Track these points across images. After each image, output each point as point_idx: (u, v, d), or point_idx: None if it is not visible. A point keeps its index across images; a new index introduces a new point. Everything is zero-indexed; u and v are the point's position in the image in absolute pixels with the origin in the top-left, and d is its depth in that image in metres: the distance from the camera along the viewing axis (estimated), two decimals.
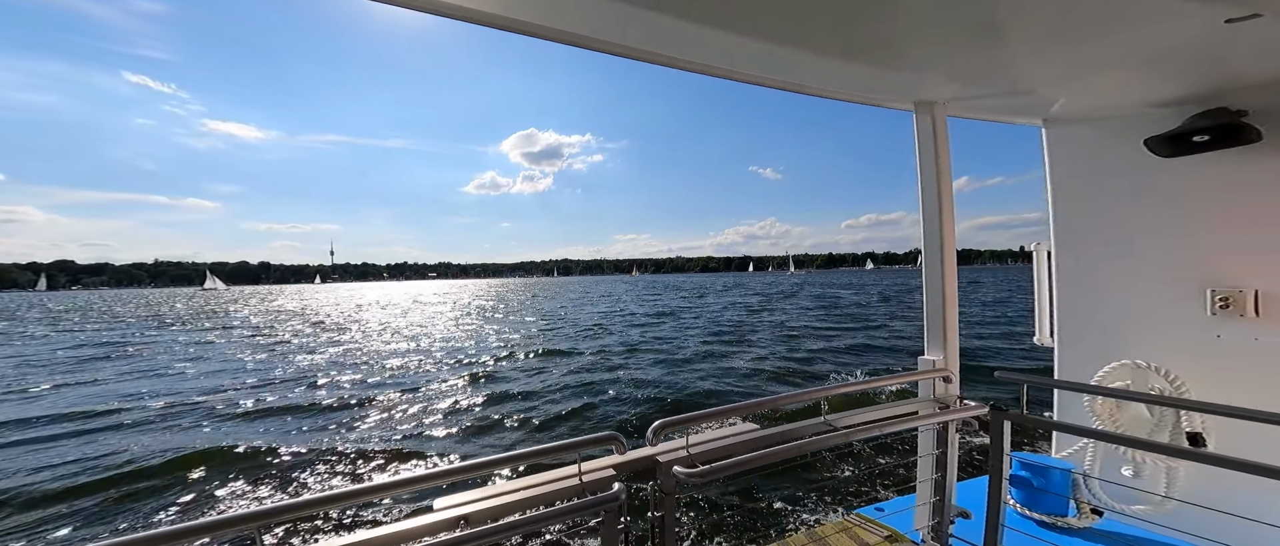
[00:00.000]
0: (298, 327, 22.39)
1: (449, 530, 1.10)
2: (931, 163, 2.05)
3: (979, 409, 1.89)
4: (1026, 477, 2.18)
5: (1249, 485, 1.30)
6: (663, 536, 1.39)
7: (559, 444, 1.31)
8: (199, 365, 12.53)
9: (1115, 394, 2.01)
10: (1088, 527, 2.14)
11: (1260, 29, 1.31)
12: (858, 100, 2.09)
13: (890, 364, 10.83)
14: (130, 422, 7.40)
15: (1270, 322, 1.89)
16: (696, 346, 13.56)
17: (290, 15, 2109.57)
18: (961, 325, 2.01)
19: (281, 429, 6.95)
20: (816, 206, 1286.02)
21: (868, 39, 1.46)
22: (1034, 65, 1.67)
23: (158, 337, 19.41)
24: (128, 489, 5.04)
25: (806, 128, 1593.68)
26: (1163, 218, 2.13)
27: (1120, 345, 2.22)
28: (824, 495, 4.33)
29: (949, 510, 1.98)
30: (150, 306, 49.80)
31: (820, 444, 1.63)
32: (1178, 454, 1.79)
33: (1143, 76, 1.76)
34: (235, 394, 9.11)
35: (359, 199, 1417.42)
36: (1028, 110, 2.30)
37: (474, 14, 1.29)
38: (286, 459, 5.75)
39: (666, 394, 8.26)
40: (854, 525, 2.17)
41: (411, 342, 15.97)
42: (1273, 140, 1.80)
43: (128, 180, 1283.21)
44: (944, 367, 2.01)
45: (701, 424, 1.50)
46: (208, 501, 4.77)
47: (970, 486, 2.35)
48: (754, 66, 1.71)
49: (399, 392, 8.93)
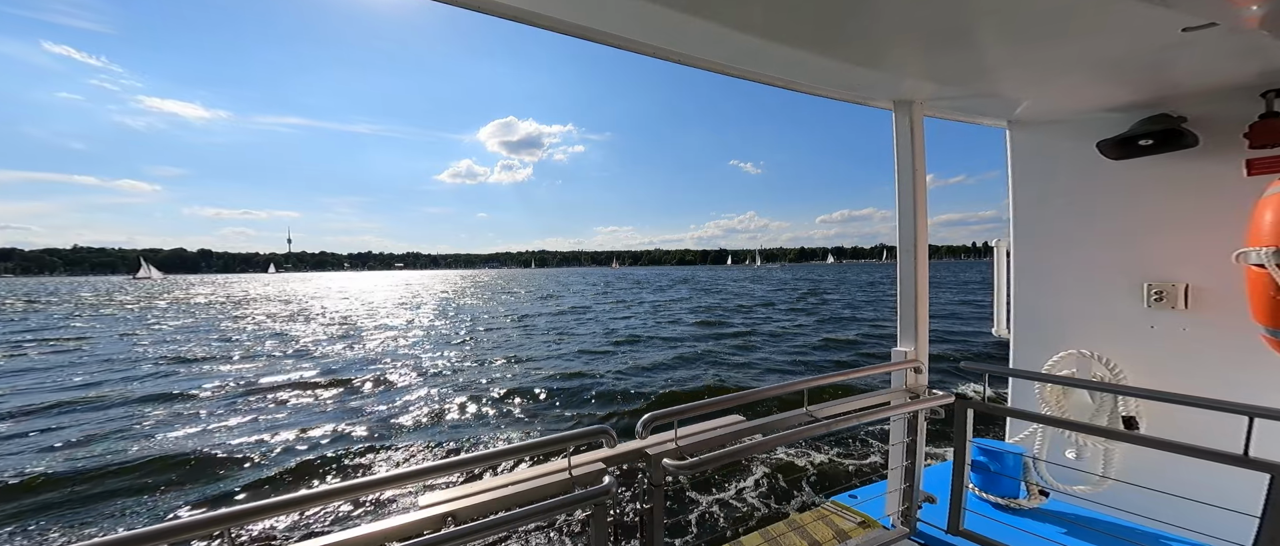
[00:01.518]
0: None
1: (435, 527, 1.07)
2: (908, 161, 2.11)
3: (945, 398, 1.98)
4: (984, 462, 2.32)
5: (1177, 464, 1.41)
6: (652, 527, 1.40)
7: (548, 438, 1.29)
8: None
9: (1059, 381, 2.15)
10: (1036, 508, 2.31)
11: (1205, 40, 1.41)
12: (840, 97, 2.11)
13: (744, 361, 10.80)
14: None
15: (1197, 314, 2.06)
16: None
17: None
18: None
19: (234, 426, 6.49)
20: (793, 201, 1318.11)
21: (850, 37, 1.48)
22: (1005, 68, 1.75)
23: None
24: (91, 489, 4.63)
25: (786, 123, 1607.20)
26: (1109, 216, 2.29)
27: (1068, 335, 2.38)
28: (805, 483, 4.50)
29: (917, 496, 2.07)
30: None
31: (801, 434, 1.67)
32: (1113, 436, 1.94)
33: (1099, 81, 1.88)
34: (177, 379, 8.36)
35: (322, 185, 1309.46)
36: (996, 111, 2.40)
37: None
38: (234, 458, 5.38)
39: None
40: (830, 512, 2.24)
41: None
42: (1207, 146, 1.96)
43: (50, 159, 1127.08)
44: (914, 358, 2.09)
45: (689, 416, 1.50)
46: (171, 503, 4.44)
47: (937, 471, 2.47)
48: (740, 60, 1.71)
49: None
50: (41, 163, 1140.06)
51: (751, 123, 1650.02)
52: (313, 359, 11.50)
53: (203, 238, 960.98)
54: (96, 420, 6.85)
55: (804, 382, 1.78)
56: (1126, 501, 1.97)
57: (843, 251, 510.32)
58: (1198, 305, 2.06)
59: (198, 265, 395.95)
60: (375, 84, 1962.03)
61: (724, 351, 11.64)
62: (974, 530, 1.98)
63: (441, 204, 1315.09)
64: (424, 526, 1.07)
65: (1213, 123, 1.96)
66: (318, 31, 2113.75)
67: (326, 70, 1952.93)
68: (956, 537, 1.99)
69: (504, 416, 6.99)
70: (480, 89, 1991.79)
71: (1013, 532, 2.01)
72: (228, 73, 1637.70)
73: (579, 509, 1.22)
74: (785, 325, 16.76)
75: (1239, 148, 1.86)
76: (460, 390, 8.27)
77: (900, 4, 1.27)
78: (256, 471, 5.11)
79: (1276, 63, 1.64)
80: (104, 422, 6.75)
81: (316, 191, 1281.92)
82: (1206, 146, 1.96)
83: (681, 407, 1.48)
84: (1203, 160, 1.99)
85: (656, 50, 1.60)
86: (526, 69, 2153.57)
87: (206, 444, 5.82)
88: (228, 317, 21.57)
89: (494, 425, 6.64)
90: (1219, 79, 1.80)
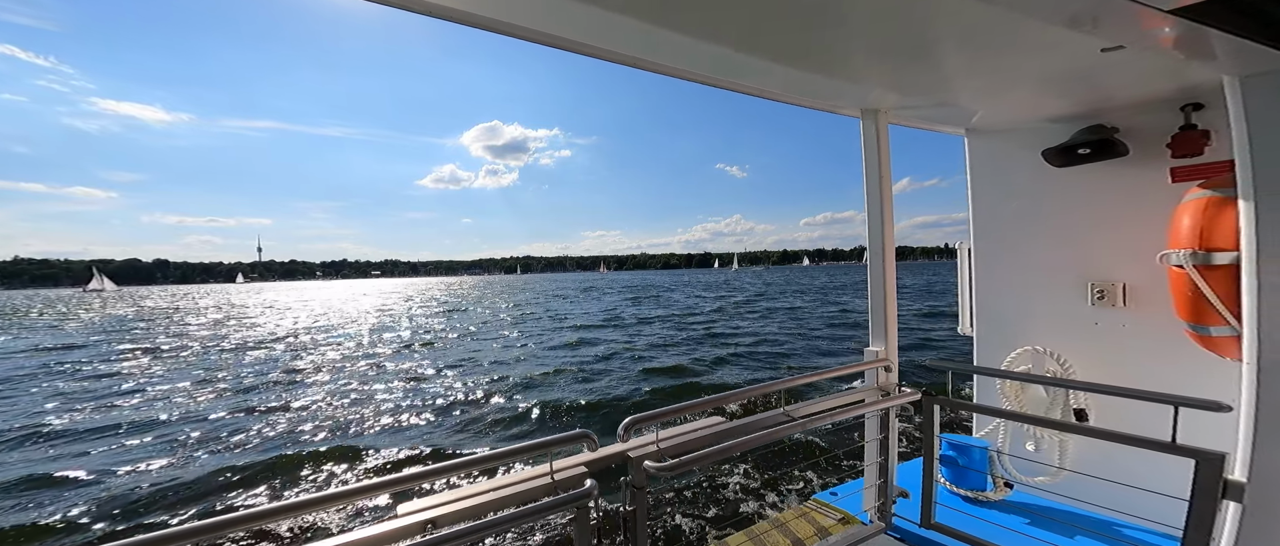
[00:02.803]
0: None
1: (417, 534, 1.05)
2: (875, 167, 2.20)
3: (913, 394, 2.05)
4: (953, 456, 2.41)
5: (1121, 453, 1.51)
6: (635, 530, 1.40)
7: (531, 443, 1.29)
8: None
9: (1017, 377, 2.26)
10: (1001, 500, 2.41)
11: (1124, 58, 1.55)
12: (810, 105, 2.20)
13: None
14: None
15: (1134, 310, 2.20)
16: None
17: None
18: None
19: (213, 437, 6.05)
20: (778, 204, 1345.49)
21: (817, 49, 1.54)
22: (959, 80, 1.85)
23: None
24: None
25: (770, 128, 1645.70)
26: (1056, 219, 2.44)
27: (1023, 333, 2.51)
28: (785, 483, 4.54)
29: (891, 491, 2.13)
30: None
31: (780, 433, 1.69)
32: (1066, 428, 2.06)
33: (1042, 94, 2.01)
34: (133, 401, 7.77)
35: (294, 191, 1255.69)
36: (954, 120, 2.54)
37: (430, 7, 1.23)
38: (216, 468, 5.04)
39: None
40: (811, 510, 2.27)
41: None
42: (1136, 154, 2.12)
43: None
44: (885, 357, 2.16)
45: (671, 418, 1.51)
46: (138, 515, 4.17)
47: (911, 467, 2.55)
48: (713, 69, 1.76)
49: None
50: None
51: (737, 127, 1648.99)
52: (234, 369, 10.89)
53: (164, 247, 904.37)
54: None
55: (781, 383, 1.83)
56: (1081, 491, 2.07)
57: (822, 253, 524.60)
58: (1134, 303, 2.20)
59: (154, 276, 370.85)
60: (351, 86, 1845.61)
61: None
62: (945, 523, 2.04)
63: (424, 209, 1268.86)
64: (406, 534, 1.05)
65: (1140, 133, 2.12)
66: (288, 32, 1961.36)
67: (299, 72, 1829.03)
68: (930, 531, 2.04)
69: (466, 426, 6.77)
70: (463, 92, 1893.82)
71: (981, 524, 2.08)
72: (190, 73, 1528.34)
73: (562, 512, 1.22)
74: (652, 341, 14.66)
75: (1163, 156, 2.01)
76: (428, 398, 8.01)
77: (864, 18, 1.33)
78: (223, 485, 4.82)
79: (1192, 79, 1.80)
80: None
81: (290, 196, 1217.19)
82: (1136, 155, 2.12)
83: (662, 410, 1.49)
84: (1134, 168, 2.15)
85: (630, 59, 1.62)
86: (510, 72, 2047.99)
87: (167, 462, 5.44)
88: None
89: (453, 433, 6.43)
90: (1144, 93, 1.96)
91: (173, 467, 5.53)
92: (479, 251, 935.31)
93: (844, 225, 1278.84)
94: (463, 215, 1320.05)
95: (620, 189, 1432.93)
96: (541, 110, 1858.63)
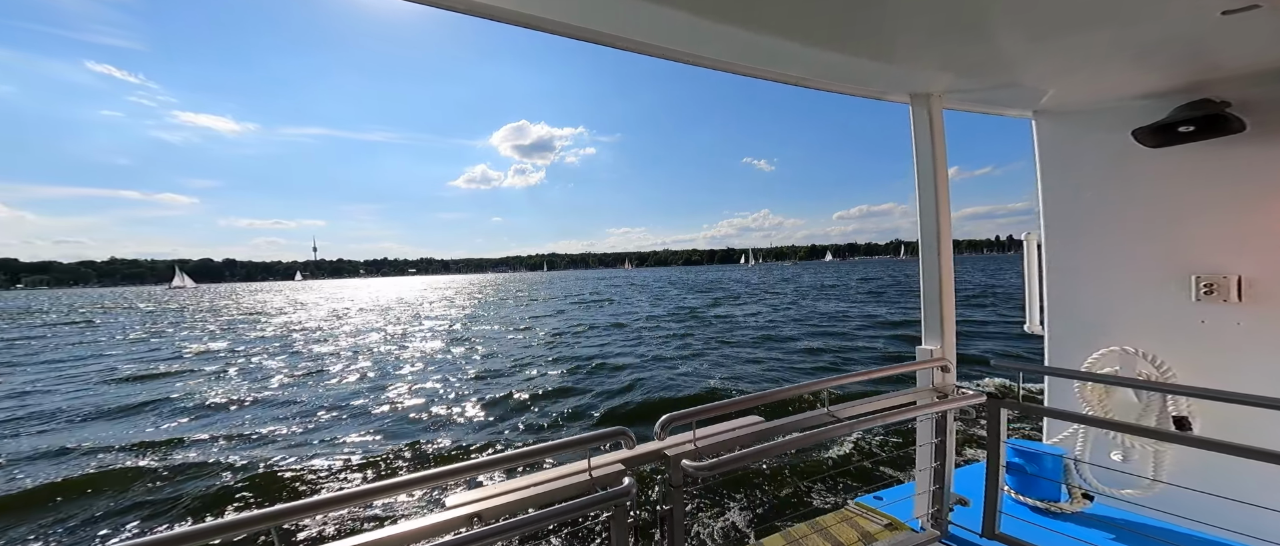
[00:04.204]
0: None
1: (462, 528, 1.09)
2: (928, 155, 2.06)
3: (976, 397, 1.91)
4: (1020, 464, 2.22)
5: (1233, 466, 1.34)
6: (671, 529, 1.40)
7: (568, 440, 1.30)
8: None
9: (1102, 379, 2.06)
10: (1079, 512, 2.20)
11: (1248, 21, 1.34)
12: (854, 93, 2.09)
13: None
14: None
15: (1252, 307, 1.94)
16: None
17: (260, 1, 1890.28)
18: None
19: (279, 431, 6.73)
20: (809, 198, 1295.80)
21: (864, 32, 1.46)
22: (1026, 58, 1.70)
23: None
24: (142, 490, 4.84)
25: (800, 118, 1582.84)
26: (1148, 206, 2.19)
27: (1108, 332, 2.28)
28: (825, 485, 4.41)
29: (948, 498, 2.00)
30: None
31: (823, 435, 1.65)
32: (1165, 437, 1.85)
33: (1132, 69, 1.80)
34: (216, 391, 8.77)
35: (343, 194, 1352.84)
36: (1019, 102, 2.33)
37: (466, 4, 1.25)
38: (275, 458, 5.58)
39: None
40: (854, 514, 2.19)
41: None
42: (1255, 131, 1.86)
43: (98, 175, 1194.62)
44: (941, 357, 2.02)
45: (708, 417, 1.50)
46: (219, 502, 4.67)
47: (967, 473, 2.39)
48: (752, 59, 1.71)
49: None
50: (90, 179, 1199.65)
51: (764, 119, 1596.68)
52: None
53: (236, 247, 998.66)
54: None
55: (824, 383, 1.75)
56: (1179, 505, 1.86)
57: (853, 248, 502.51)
58: (1252, 298, 1.94)
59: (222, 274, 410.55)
60: (390, 90, 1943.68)
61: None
62: (1011, 534, 1.90)
63: (457, 209, 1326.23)
64: (452, 526, 1.09)
65: (1261, 106, 1.85)
66: (332, 39, 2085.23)
67: (342, 77, 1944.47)
68: (992, 541, 1.92)
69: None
70: (492, 93, 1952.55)
71: (1054, 536, 1.93)
72: (251, 83, 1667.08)
73: (600, 510, 1.23)
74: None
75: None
76: (474, 394, 8.37)
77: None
78: (292, 472, 5.27)
79: None
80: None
81: (339, 200, 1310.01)
82: (1254, 132, 1.86)
83: (699, 408, 1.48)
84: (1251, 146, 1.89)
85: (666, 51, 1.60)
86: (536, 71, 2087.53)
87: (249, 445, 6.06)
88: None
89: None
90: (1266, 62, 1.71)
91: (271, 446, 6.16)
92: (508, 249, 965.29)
93: (881, 218, 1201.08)
94: (493, 214, 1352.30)
95: (644, 186, 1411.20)
96: (566, 108, 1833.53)
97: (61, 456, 5.95)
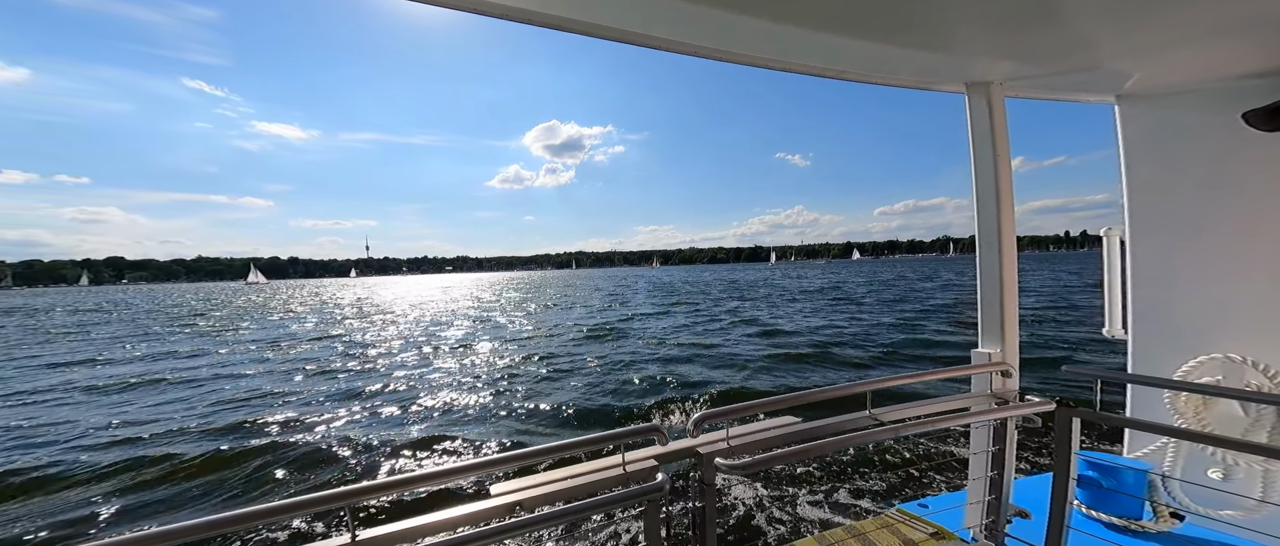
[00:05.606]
0: None
1: (506, 515, 1.16)
2: (987, 147, 1.92)
3: (1044, 404, 1.78)
4: (1094, 477, 2.04)
5: None
6: (704, 526, 1.41)
7: (603, 434, 1.34)
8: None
9: (1209, 390, 1.84)
10: (1166, 532, 2.00)
11: None
12: (904, 85, 1.98)
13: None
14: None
15: None
16: None
17: (315, 14, 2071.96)
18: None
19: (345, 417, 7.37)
20: (848, 193, 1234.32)
21: (912, 20, 1.39)
22: (1106, 39, 1.54)
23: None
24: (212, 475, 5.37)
25: (836, 112, 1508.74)
26: (1261, 198, 1.93)
27: (1207, 338, 2.04)
28: (864, 489, 4.26)
29: (1005, 509, 1.88)
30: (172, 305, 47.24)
31: (864, 438, 1.60)
32: None
33: (1238, 44, 1.59)
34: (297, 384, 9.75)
35: (391, 195, 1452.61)
36: (1098, 87, 2.11)
37: (500, 8, 1.28)
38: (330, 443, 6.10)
39: None
40: (896, 521, 2.11)
41: None
42: None
43: (193, 181, 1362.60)
44: (1002, 361, 1.89)
45: (742, 416, 1.50)
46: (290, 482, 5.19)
47: (1027, 484, 2.22)
48: (794, 54, 1.67)
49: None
50: (187, 184, 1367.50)
51: (797, 113, 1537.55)
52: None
53: (301, 246, 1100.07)
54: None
55: (867, 384, 1.69)
56: None
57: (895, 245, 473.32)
58: None
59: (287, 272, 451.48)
60: (428, 95, 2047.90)
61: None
62: None
63: (492, 209, 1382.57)
64: (495, 514, 1.17)
65: None
66: (376, 49, 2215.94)
67: (385, 84, 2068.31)
68: None
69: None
70: (525, 94, 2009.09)
71: None
72: (311, 93, 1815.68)
73: (634, 504, 1.26)
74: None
75: None
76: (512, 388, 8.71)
77: None
78: (356, 458, 5.74)
79: None
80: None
81: (388, 200, 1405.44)
82: None
83: (734, 407, 1.48)
84: None
85: (712, 51, 1.59)
86: (565, 71, 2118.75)
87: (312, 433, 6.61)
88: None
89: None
90: None
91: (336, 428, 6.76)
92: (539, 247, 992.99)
93: (929, 213, 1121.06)
94: (525, 213, 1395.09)
95: (672, 183, 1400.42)
96: (596, 106, 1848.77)
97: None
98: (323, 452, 5.85)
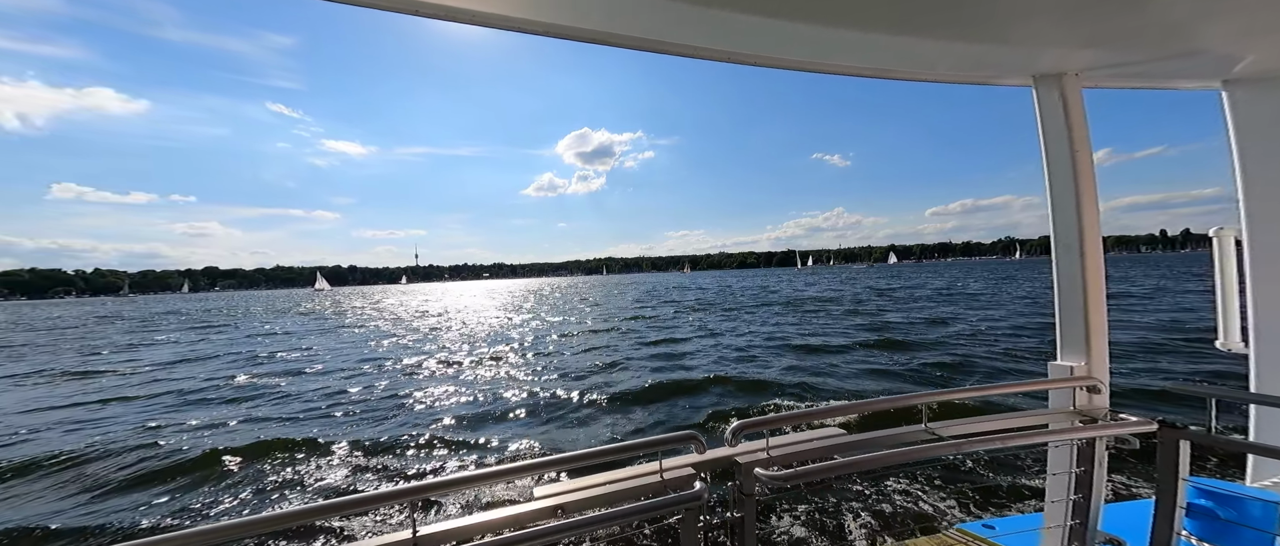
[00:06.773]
0: None
1: (548, 518, 1.19)
2: (1063, 142, 1.76)
3: (1144, 424, 1.59)
4: (1209, 508, 1.79)
5: None
6: (742, 537, 1.38)
7: (641, 441, 1.34)
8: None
9: None
10: None
11: None
12: (964, 81, 1.86)
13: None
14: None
15: None
16: None
17: (369, 36, 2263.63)
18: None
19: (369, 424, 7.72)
20: (893, 194, 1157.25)
21: (969, 14, 1.30)
22: (1209, 20, 1.37)
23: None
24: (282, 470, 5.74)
25: (875, 110, 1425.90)
26: None
27: None
28: (916, 505, 3.96)
29: (1092, 537, 1.70)
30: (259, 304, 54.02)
31: (920, 454, 1.50)
32: None
33: None
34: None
35: (438, 205, 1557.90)
36: (1199, 73, 1.88)
37: (533, 24, 1.30)
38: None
39: None
40: (955, 542, 1.97)
41: None
42: None
43: (276, 196, 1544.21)
44: (1088, 375, 1.73)
45: (784, 425, 1.46)
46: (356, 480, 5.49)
47: (1122, 511, 1.99)
48: (843, 57, 1.61)
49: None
50: (272, 200, 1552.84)
51: (833, 114, 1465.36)
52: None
53: (360, 255, 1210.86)
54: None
55: (923, 396, 1.59)
56: None
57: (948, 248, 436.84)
58: None
59: (346, 279, 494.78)
60: (467, 107, 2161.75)
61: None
62: None
63: (527, 216, 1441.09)
64: (540, 516, 1.20)
65: None
66: (422, 65, 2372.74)
67: (428, 98, 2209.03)
68: None
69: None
70: (557, 102, 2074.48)
71: None
72: (367, 110, 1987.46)
73: (672, 511, 1.25)
74: None
75: None
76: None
77: None
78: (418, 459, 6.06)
79: None
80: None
81: (435, 211, 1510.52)
82: None
83: (774, 416, 1.45)
84: None
85: (756, 58, 1.57)
86: (596, 78, 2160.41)
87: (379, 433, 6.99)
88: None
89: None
90: None
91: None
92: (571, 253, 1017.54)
93: (991, 213, 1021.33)
94: (558, 220, 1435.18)
95: (701, 187, 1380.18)
96: (625, 112, 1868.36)
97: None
98: (387, 444, 6.29)
